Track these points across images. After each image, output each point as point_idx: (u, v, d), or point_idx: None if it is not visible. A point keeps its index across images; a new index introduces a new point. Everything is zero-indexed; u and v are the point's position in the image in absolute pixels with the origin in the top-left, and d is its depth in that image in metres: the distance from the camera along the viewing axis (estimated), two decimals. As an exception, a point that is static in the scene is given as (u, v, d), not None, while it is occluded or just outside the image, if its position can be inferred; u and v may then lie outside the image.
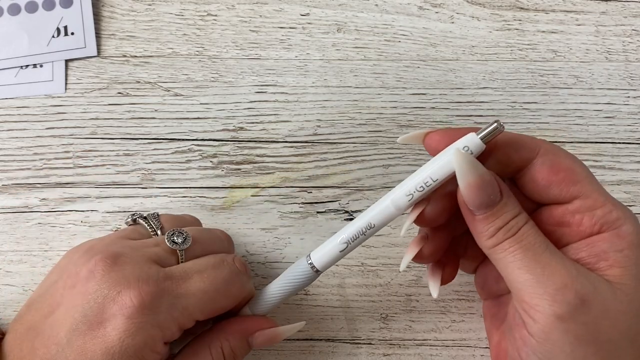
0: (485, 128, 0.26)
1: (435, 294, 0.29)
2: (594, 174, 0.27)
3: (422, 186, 0.27)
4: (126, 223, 0.33)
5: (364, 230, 0.28)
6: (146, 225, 0.32)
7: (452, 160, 0.26)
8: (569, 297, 0.24)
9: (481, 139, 0.26)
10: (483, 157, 0.26)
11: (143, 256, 0.28)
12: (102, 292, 0.26)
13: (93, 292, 0.26)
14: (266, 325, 0.30)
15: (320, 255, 0.29)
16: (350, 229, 0.28)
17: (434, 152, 0.27)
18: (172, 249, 0.29)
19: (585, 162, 0.27)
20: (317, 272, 0.29)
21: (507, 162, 0.27)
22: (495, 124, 0.26)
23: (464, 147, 0.26)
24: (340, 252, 0.29)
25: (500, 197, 0.26)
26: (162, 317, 0.27)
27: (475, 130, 0.26)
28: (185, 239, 0.30)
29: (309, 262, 0.29)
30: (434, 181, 0.27)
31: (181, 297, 0.27)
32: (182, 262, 0.29)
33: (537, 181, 0.27)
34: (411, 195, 0.27)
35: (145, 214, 0.32)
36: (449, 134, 0.27)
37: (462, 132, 0.27)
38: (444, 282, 0.30)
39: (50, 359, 0.26)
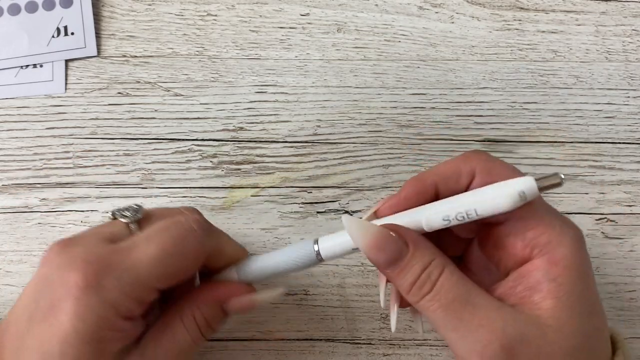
0: (547, 177, 0.25)
1: (421, 331, 0.29)
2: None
3: (463, 216, 0.25)
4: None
5: None
6: (124, 214, 0.30)
7: (344, 224, 0.25)
8: (496, 353, 0.23)
9: (539, 187, 0.25)
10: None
11: (96, 236, 0.27)
12: (50, 277, 0.25)
13: (43, 277, 0.26)
14: (241, 291, 0.29)
15: (331, 245, 0.28)
16: None
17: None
18: (126, 224, 0.28)
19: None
20: (320, 261, 0.28)
21: (449, 193, 0.27)
22: (557, 178, 0.25)
23: (520, 192, 0.25)
24: (353, 249, 0.28)
25: (407, 249, 0.25)
26: (111, 294, 0.25)
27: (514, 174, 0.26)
28: (137, 211, 0.28)
29: (316, 248, 0.28)
30: (477, 215, 0.25)
31: (130, 269, 0.26)
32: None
33: None
34: (448, 222, 0.26)
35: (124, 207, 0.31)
36: (396, 203, 0.27)
37: (404, 197, 0.26)
38: None
39: (16, 352, 0.25)
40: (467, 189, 0.27)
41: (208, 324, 0.28)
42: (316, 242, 0.28)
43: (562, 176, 0.25)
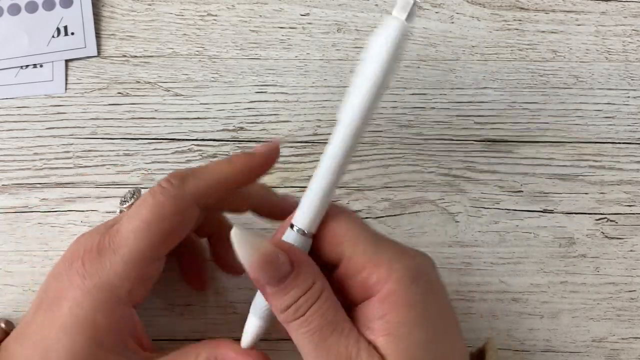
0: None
1: None
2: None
3: None
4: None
5: None
6: (122, 200, 0.31)
7: (232, 239, 0.24)
8: None
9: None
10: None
11: (103, 224, 0.28)
12: (60, 268, 0.27)
13: (56, 269, 0.27)
14: None
15: None
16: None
17: None
18: (123, 209, 0.29)
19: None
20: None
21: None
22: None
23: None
24: None
25: (291, 269, 0.24)
26: (107, 277, 0.26)
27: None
28: (133, 194, 0.29)
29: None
30: None
31: (119, 248, 0.26)
32: None
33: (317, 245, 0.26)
34: None
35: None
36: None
37: None
38: None
39: (17, 336, 0.27)
40: None
41: None
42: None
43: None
